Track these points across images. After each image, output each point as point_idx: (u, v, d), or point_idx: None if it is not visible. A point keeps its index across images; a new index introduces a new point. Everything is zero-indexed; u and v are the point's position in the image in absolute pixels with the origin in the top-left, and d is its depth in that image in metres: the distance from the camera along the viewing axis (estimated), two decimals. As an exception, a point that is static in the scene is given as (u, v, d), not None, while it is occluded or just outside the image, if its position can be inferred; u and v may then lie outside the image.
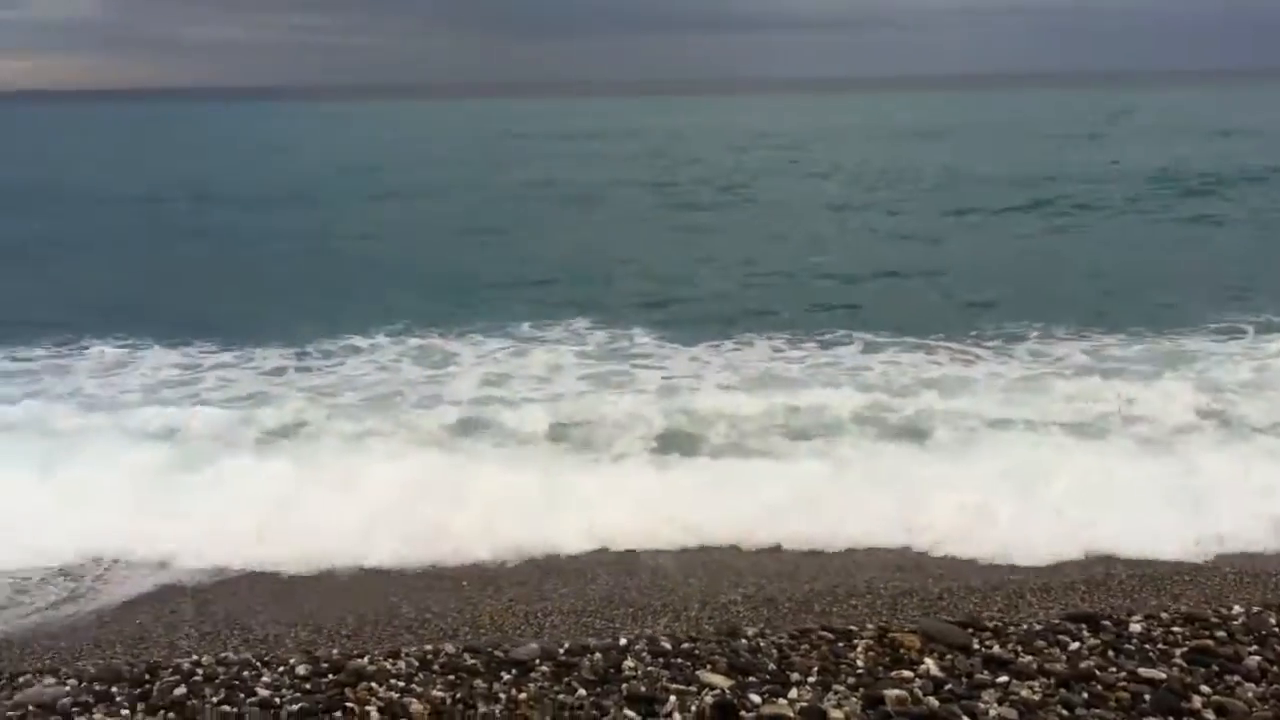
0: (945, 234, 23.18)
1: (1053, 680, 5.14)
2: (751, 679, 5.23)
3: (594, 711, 4.95)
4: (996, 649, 5.55)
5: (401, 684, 5.25)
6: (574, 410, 10.55)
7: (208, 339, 13.68)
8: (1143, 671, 5.20)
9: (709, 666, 5.38)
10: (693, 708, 4.95)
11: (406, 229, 25.61)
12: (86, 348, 13.43)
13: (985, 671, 5.27)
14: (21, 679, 5.53)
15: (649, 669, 5.37)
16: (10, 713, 5.09)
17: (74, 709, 5.12)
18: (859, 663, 5.40)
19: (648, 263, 19.85)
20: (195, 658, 5.71)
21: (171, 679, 5.37)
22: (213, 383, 12.03)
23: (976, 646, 5.60)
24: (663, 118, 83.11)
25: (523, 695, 5.11)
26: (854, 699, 4.98)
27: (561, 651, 5.60)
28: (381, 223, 26.43)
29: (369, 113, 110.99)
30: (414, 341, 13.62)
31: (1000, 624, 5.94)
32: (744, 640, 5.74)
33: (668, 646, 5.66)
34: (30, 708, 5.14)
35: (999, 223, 24.66)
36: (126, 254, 22.55)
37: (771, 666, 5.37)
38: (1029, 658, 5.43)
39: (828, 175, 35.96)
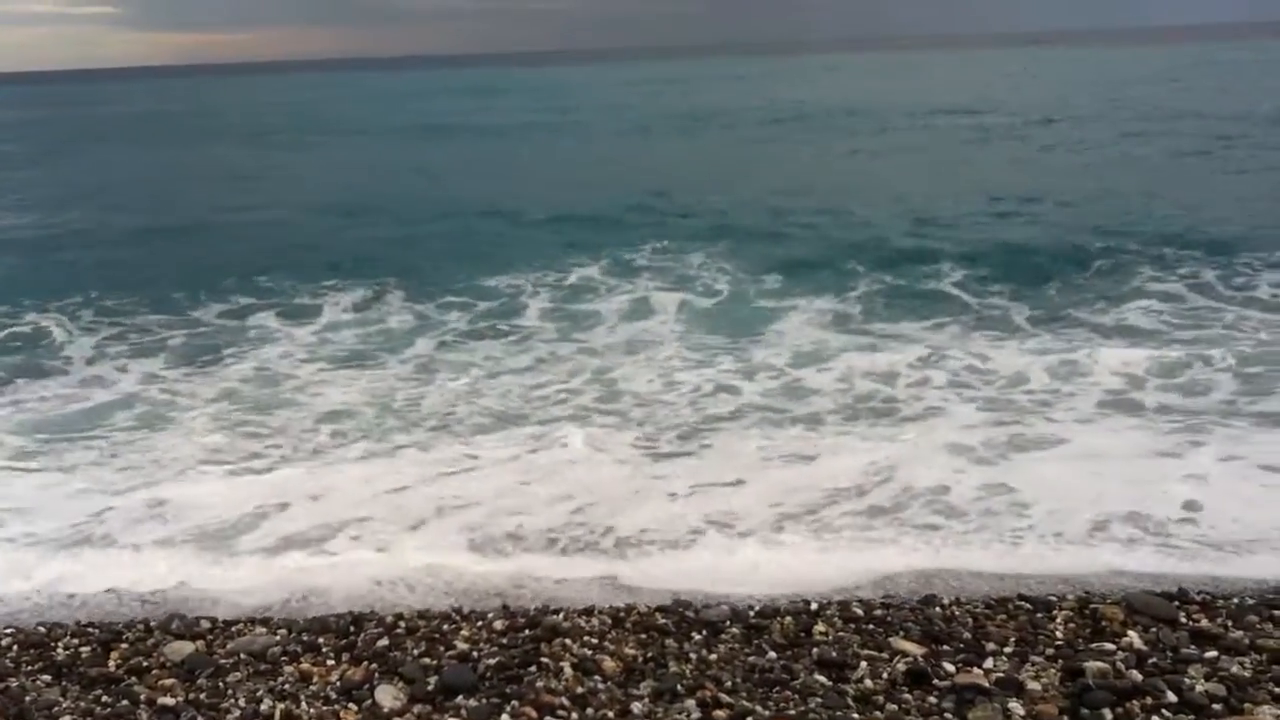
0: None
1: (1265, 657, 5.15)
2: (945, 647, 5.38)
3: (784, 674, 5.18)
4: (1204, 623, 5.56)
5: (595, 641, 5.54)
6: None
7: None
8: (1365, 650, 5.16)
9: (902, 634, 5.55)
10: (884, 674, 5.13)
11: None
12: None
13: (1192, 646, 5.30)
14: (234, 628, 6.01)
15: (840, 634, 5.57)
16: (224, 660, 5.58)
17: (282, 658, 5.57)
18: (1058, 634, 5.50)
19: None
20: (399, 610, 6.11)
21: (375, 631, 5.79)
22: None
23: (1183, 620, 5.61)
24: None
25: (713, 656, 5.37)
26: (1052, 670, 5.11)
27: (752, 614, 5.84)
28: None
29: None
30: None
31: (1209, 597, 5.92)
32: (938, 609, 5.88)
33: (859, 613, 5.85)
34: (241, 655, 5.62)
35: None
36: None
37: (966, 635, 5.51)
38: (1240, 633, 5.42)
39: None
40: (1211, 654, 5.22)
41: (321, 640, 5.78)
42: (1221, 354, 10.69)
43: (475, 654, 5.49)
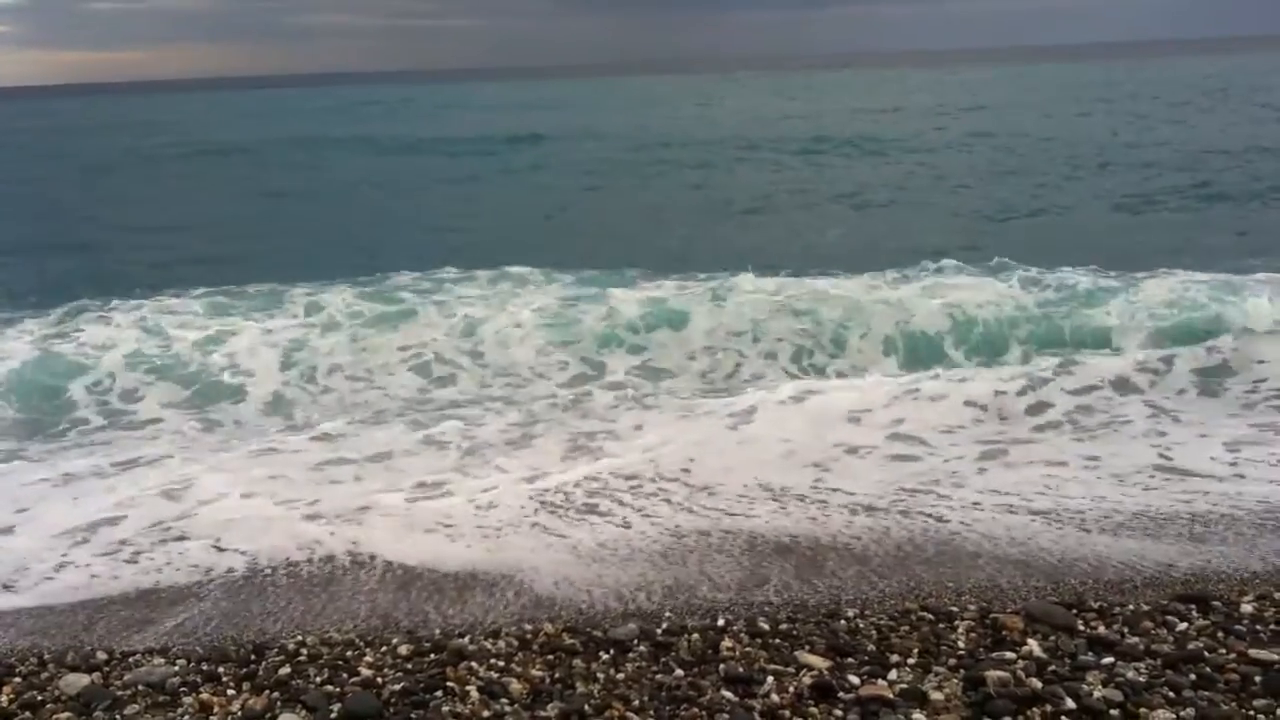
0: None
1: (1160, 661, 5.32)
2: (850, 660, 5.48)
3: (691, 691, 5.23)
4: (1102, 630, 5.72)
5: (501, 663, 5.54)
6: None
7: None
8: (1254, 653, 5.37)
9: (807, 647, 5.64)
10: (790, 688, 5.20)
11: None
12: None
13: (1090, 653, 5.45)
14: (132, 659, 5.91)
15: (747, 649, 5.64)
16: (121, 692, 5.48)
17: (181, 689, 5.49)
18: (960, 644, 5.61)
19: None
20: (300, 638, 6.05)
21: (277, 659, 5.73)
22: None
23: (1081, 627, 5.77)
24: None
25: (621, 675, 5.40)
26: (955, 680, 5.22)
27: (659, 632, 5.89)
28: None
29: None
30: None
31: (1105, 604, 6.08)
32: (843, 621, 5.97)
33: (766, 627, 5.93)
34: (139, 686, 5.53)
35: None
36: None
37: (871, 647, 5.60)
38: (1135, 639, 5.59)
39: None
40: (1108, 660, 5.37)
41: (222, 669, 5.70)
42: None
43: (379, 680, 5.47)
